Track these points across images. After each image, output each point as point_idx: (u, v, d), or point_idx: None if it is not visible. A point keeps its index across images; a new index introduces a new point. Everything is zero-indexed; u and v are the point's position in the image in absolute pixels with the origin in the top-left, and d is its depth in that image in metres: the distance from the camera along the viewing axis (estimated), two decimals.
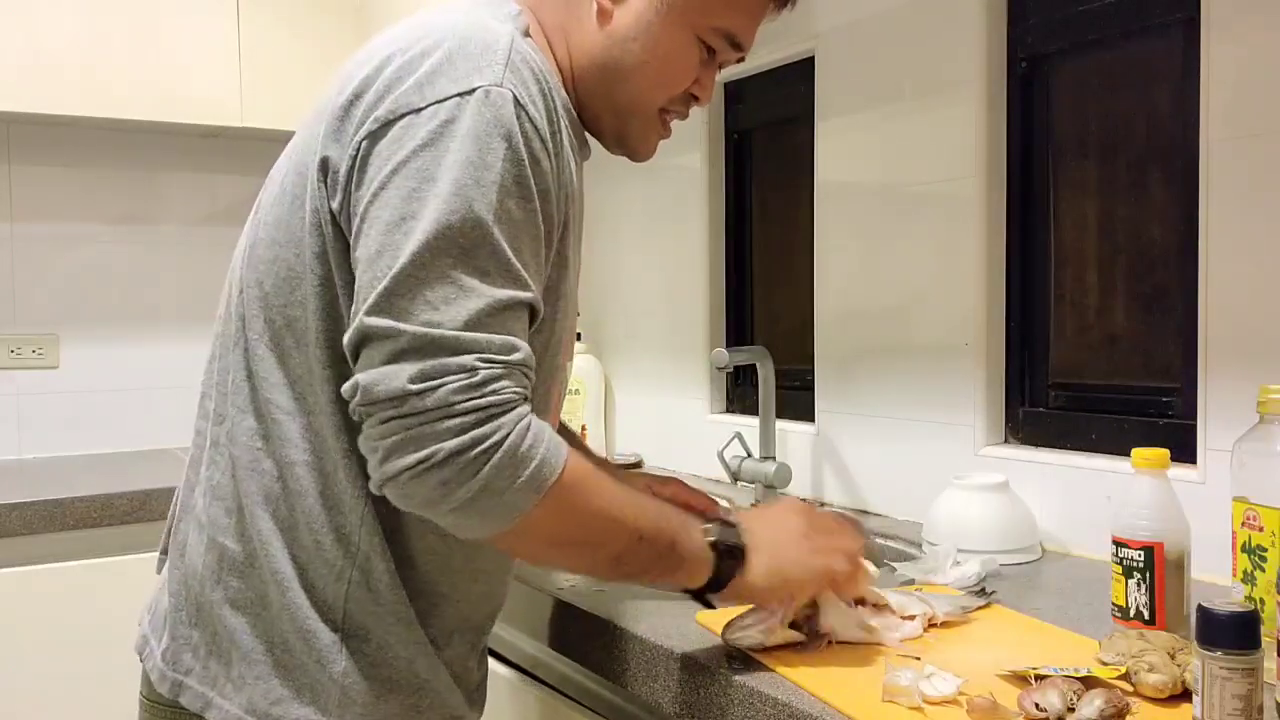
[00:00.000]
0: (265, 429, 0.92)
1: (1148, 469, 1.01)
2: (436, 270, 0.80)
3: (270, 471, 0.91)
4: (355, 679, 0.90)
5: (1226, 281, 1.23)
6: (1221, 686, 0.74)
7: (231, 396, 0.94)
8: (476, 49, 0.85)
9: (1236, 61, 1.21)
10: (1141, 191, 1.40)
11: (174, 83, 2.25)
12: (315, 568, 0.90)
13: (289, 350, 0.91)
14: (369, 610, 0.90)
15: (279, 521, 0.91)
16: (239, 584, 0.92)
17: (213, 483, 0.95)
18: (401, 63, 0.86)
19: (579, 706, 1.21)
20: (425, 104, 0.83)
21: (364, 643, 0.91)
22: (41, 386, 2.40)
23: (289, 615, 0.90)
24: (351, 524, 0.90)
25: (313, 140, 0.90)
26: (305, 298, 0.89)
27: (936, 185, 1.57)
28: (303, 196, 0.90)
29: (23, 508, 1.84)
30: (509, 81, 0.84)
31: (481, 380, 0.79)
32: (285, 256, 0.91)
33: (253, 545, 0.91)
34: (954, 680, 0.86)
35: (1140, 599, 1.00)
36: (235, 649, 0.91)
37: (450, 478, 0.79)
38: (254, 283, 0.93)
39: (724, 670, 0.94)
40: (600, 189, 2.41)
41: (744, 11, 0.98)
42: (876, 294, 1.68)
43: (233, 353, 0.95)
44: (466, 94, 0.82)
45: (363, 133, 0.85)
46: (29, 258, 2.38)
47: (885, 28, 1.65)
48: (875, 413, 1.69)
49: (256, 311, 0.93)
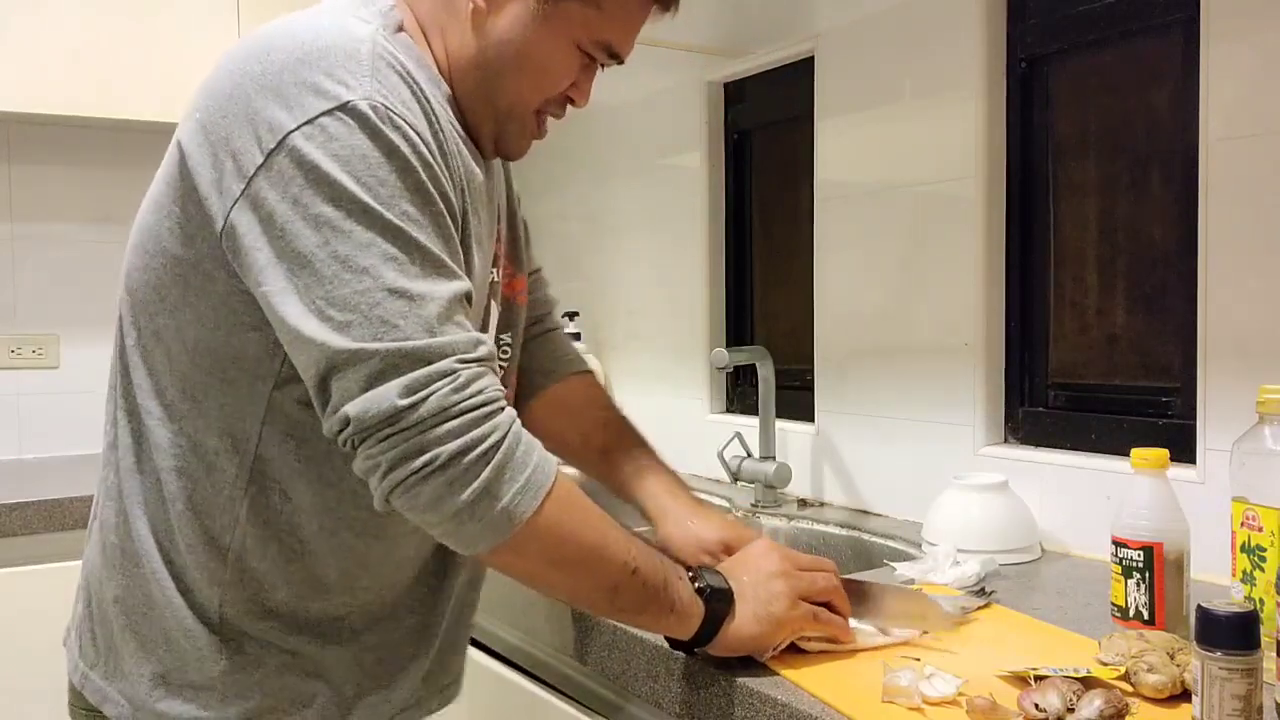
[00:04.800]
0: (139, 434, 0.93)
1: (1147, 469, 1.02)
2: (380, 288, 0.79)
3: (145, 476, 0.92)
4: (236, 677, 0.91)
5: (1226, 281, 1.23)
6: (1221, 687, 0.74)
7: (117, 400, 0.95)
8: (339, 58, 0.82)
9: (1236, 61, 1.21)
10: (1141, 191, 1.40)
11: (174, 83, 2.24)
12: (190, 571, 0.91)
13: (157, 357, 0.91)
14: (246, 611, 0.91)
15: (154, 525, 0.92)
16: (125, 581, 0.93)
17: (107, 483, 0.96)
18: (265, 73, 0.82)
19: (580, 707, 1.22)
20: (296, 125, 0.80)
21: (244, 642, 0.91)
22: (41, 386, 2.40)
23: (171, 614, 0.91)
24: (223, 526, 0.90)
25: (184, 155, 0.86)
26: (175, 306, 0.89)
27: (936, 185, 1.57)
28: (173, 210, 0.87)
29: (23, 508, 1.84)
30: (378, 93, 0.82)
31: (465, 381, 0.80)
32: (154, 265, 0.89)
33: (134, 545, 0.92)
34: (954, 681, 0.87)
35: (1140, 599, 1.00)
36: (125, 645, 0.93)
37: (455, 478, 0.79)
38: (127, 288, 0.93)
39: (724, 671, 0.94)
40: (600, 189, 2.41)
41: (621, 26, 0.96)
42: (876, 294, 1.68)
43: (116, 357, 0.96)
44: (339, 109, 0.80)
45: (246, 164, 0.81)
46: (29, 258, 2.38)
47: (885, 28, 1.65)
48: (875, 413, 1.69)
49: (129, 316, 0.93)
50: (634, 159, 2.30)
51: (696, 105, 2.11)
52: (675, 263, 2.17)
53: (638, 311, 2.29)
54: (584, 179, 2.46)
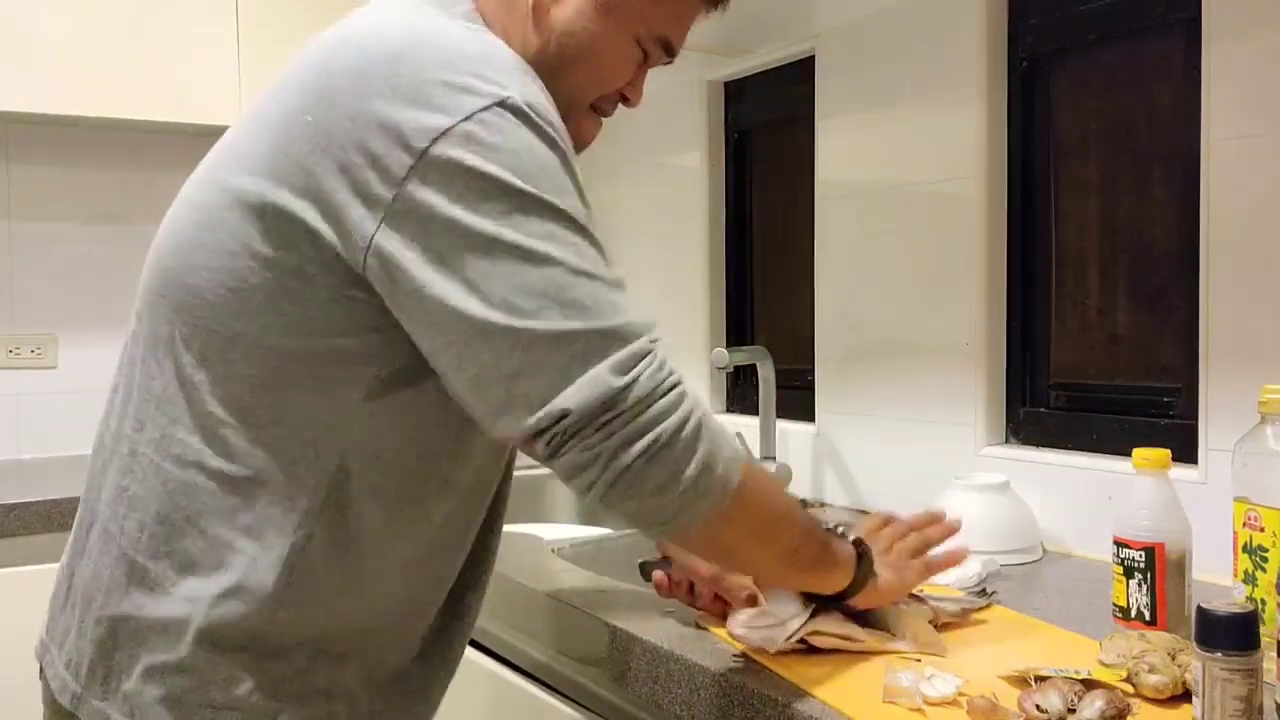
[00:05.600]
0: (202, 440, 0.86)
1: (1149, 469, 1.01)
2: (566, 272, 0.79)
3: (202, 483, 0.86)
4: (259, 698, 0.86)
5: (1228, 281, 1.23)
6: (1222, 688, 0.74)
7: (160, 404, 0.88)
8: (483, 59, 0.82)
9: (1236, 61, 1.21)
10: (1142, 191, 1.40)
11: (174, 82, 2.24)
12: (241, 585, 0.85)
13: (231, 360, 0.85)
14: (292, 626, 0.87)
15: (210, 536, 0.86)
16: (147, 601, 0.87)
17: (129, 493, 0.89)
18: (396, 75, 0.80)
19: (580, 708, 1.21)
20: (454, 122, 0.78)
21: (277, 660, 0.87)
22: (41, 386, 2.40)
23: (197, 634, 0.85)
24: (293, 539, 0.85)
25: (276, 155, 0.83)
26: (259, 309, 0.84)
27: (937, 185, 1.57)
28: (262, 214, 0.83)
29: (21, 508, 1.84)
30: (529, 90, 0.82)
31: (660, 359, 0.80)
32: (234, 267, 0.84)
33: (164, 563, 0.86)
34: (954, 681, 0.86)
35: (1141, 599, 1.00)
36: (138, 666, 0.86)
37: (680, 455, 0.79)
38: (182, 288, 0.87)
39: (725, 671, 0.94)
40: (600, 189, 2.41)
41: (680, 19, 0.98)
42: (877, 294, 1.68)
43: (149, 357, 0.89)
44: (498, 104, 0.80)
45: (394, 169, 0.78)
46: (28, 258, 2.38)
47: (885, 28, 1.65)
48: (875, 413, 1.69)
49: (181, 317, 0.87)
50: (634, 159, 2.30)
51: (696, 105, 2.10)
52: (675, 263, 2.17)
53: None
54: (584, 179, 2.46)
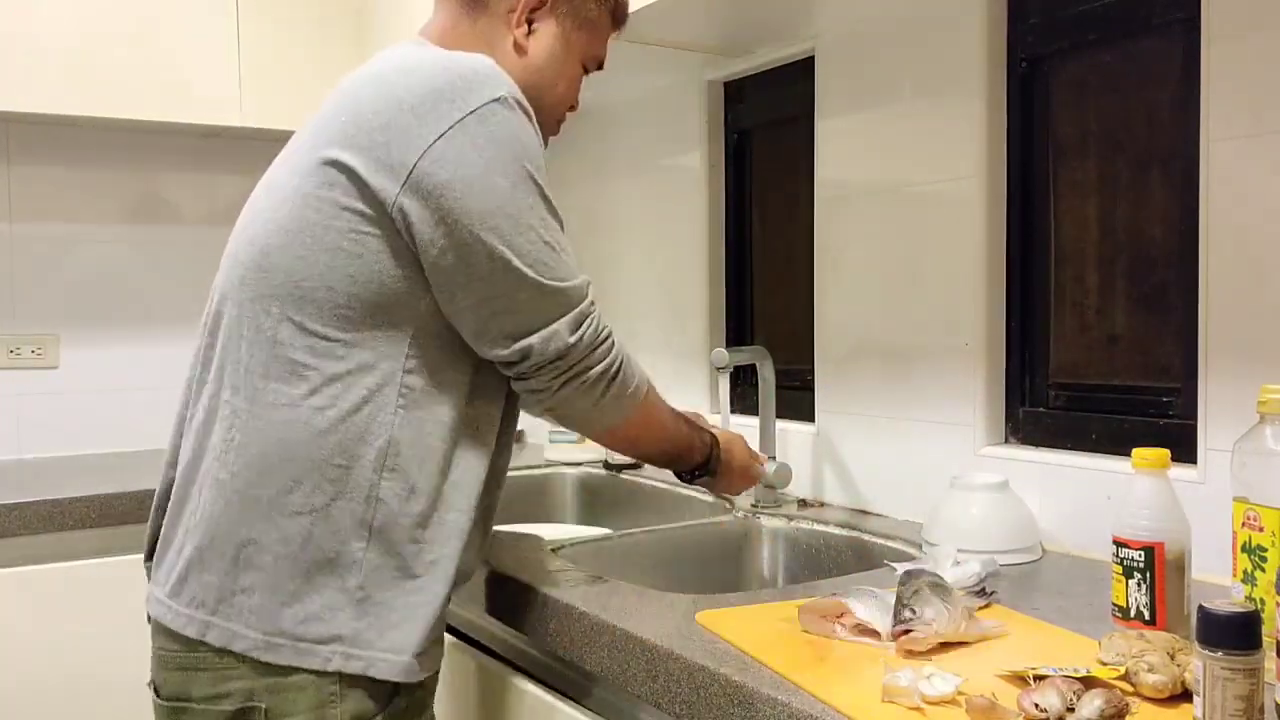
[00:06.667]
0: (297, 385, 1.05)
1: (1148, 469, 1.01)
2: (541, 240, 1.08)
3: (314, 422, 1.05)
4: (376, 596, 1.04)
5: (1227, 281, 1.23)
6: (1223, 687, 0.74)
7: (254, 368, 1.07)
8: (483, 73, 1.07)
9: (1235, 62, 1.21)
10: (1142, 191, 1.40)
11: (174, 82, 2.25)
12: (385, 494, 1.05)
13: (310, 317, 1.05)
14: (410, 525, 1.06)
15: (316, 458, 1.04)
16: (265, 526, 1.04)
17: (234, 443, 1.06)
18: (410, 88, 1.05)
19: (580, 707, 1.21)
20: (462, 116, 1.03)
21: (385, 557, 1.05)
22: (41, 386, 2.40)
23: (317, 540, 1.03)
24: (376, 449, 1.04)
25: (331, 149, 1.06)
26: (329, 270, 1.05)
27: (936, 185, 1.57)
28: (326, 197, 1.05)
29: (22, 508, 1.84)
30: (516, 91, 1.08)
31: (598, 314, 1.12)
32: (305, 242, 1.05)
33: (276, 486, 1.04)
34: (953, 680, 0.86)
35: (1140, 599, 1.00)
36: (262, 578, 1.03)
37: (605, 387, 1.13)
38: (268, 268, 1.07)
39: (724, 670, 0.94)
40: (600, 189, 2.41)
41: (603, 42, 1.29)
42: (877, 294, 1.68)
43: (247, 332, 1.08)
44: (497, 101, 1.04)
45: (411, 151, 1.03)
46: (29, 258, 2.39)
47: (885, 28, 1.65)
48: (875, 413, 1.69)
49: (269, 291, 1.07)
50: (634, 159, 2.30)
51: (696, 105, 2.11)
52: (675, 263, 2.17)
53: (638, 311, 2.29)
54: (584, 179, 2.46)
